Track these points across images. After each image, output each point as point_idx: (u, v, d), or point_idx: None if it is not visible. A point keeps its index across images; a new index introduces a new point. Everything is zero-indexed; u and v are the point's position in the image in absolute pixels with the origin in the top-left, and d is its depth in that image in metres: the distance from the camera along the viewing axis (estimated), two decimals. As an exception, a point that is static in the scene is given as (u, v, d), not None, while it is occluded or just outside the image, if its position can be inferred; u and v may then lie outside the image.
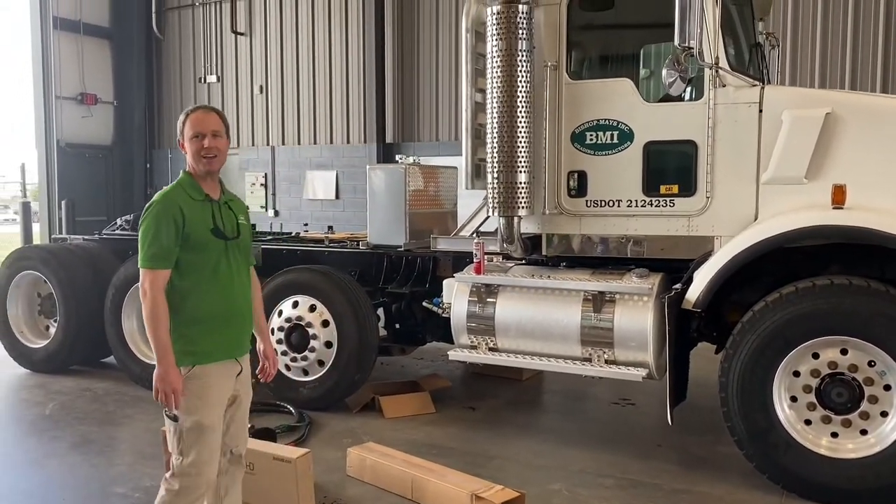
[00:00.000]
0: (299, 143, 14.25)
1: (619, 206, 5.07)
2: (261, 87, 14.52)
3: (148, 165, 15.82)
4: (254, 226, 9.40)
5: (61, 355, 7.32)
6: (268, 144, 14.58)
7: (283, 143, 14.42)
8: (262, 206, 14.43)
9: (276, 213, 14.31)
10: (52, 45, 14.19)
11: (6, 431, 5.78)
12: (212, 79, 15.04)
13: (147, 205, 3.15)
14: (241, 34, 14.68)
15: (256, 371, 3.48)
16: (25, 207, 14.84)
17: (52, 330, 7.45)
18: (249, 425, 5.02)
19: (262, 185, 14.54)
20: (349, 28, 13.53)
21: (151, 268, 3.04)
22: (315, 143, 14.09)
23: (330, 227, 8.47)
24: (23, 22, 14.83)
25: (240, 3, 14.65)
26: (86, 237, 8.24)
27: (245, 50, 14.71)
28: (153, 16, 15.52)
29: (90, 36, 15.03)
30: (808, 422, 4.34)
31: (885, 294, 4.12)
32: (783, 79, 9.99)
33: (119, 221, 8.08)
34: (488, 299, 5.32)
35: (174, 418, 3.08)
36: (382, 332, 6.34)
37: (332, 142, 13.92)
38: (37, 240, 14.39)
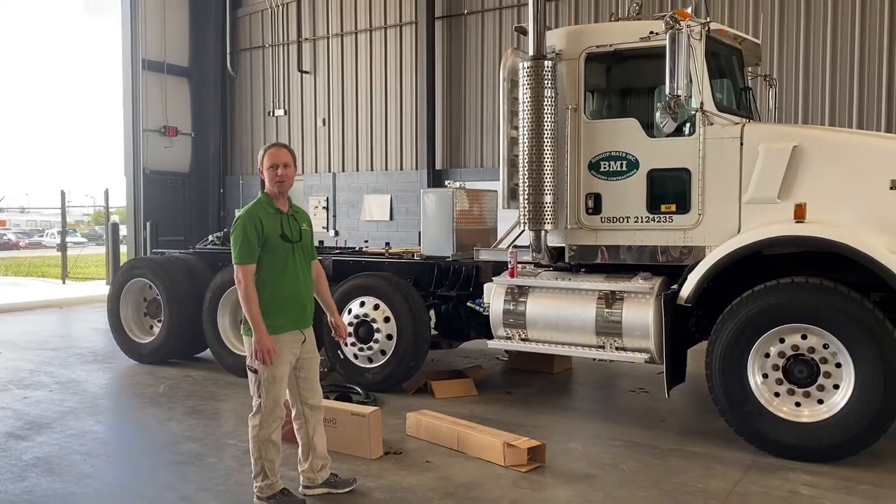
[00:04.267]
0: (357, 170, 15.70)
1: (627, 221, 6.19)
2: (323, 119, 16.06)
3: (221, 190, 17.47)
4: (321, 242, 10.78)
5: (164, 349, 8.69)
6: (329, 171, 16.08)
7: (343, 170, 15.89)
8: (323, 227, 15.88)
9: (337, 234, 15.73)
10: (141, 83, 15.94)
11: (132, 402, 7.14)
12: (279, 113, 16.66)
13: (235, 218, 4.39)
14: (307, 72, 16.28)
15: (332, 335, 4.69)
16: (114, 228, 16.57)
17: (156, 329, 8.86)
18: (334, 392, 6.29)
19: (324, 208, 16.01)
20: (403, 65, 14.97)
21: (242, 263, 4.26)
22: (372, 169, 15.51)
23: (387, 244, 9.76)
24: (112, 64, 16.72)
25: (305, 44, 16.27)
26: (181, 251, 9.67)
27: (310, 86, 16.29)
28: (227, 56, 17.30)
29: (172, 75, 16.84)
30: (776, 394, 5.36)
31: (834, 290, 5.15)
32: (797, 112, 11.04)
33: (211, 238, 9.48)
34: (520, 298, 6.48)
35: (255, 371, 4.29)
36: (434, 332, 7.54)
37: (387, 168, 15.32)
38: (124, 259, 16.03)
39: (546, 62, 6.20)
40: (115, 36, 16.31)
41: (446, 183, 8.05)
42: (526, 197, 6.32)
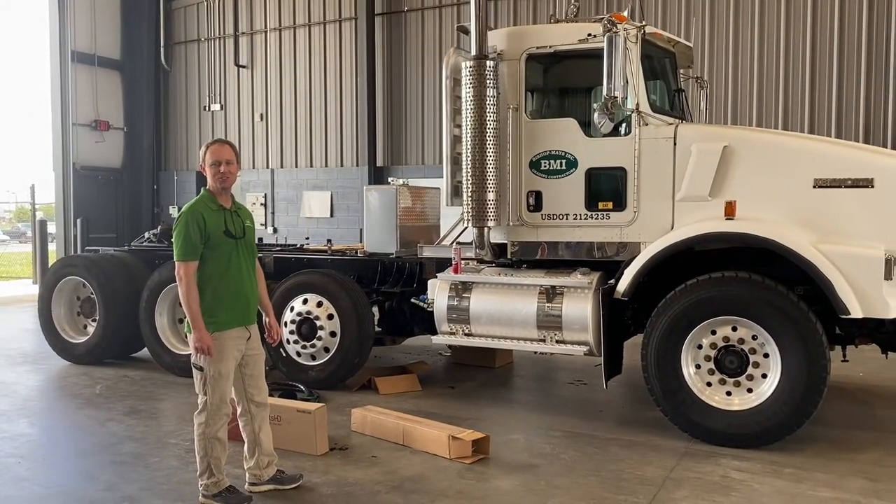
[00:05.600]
0: (297, 166, 15.56)
1: (567, 218, 6.35)
2: (261, 114, 15.86)
3: (155, 186, 17.06)
4: (261, 239, 10.67)
5: (99, 349, 8.48)
6: (267, 167, 15.88)
7: (282, 166, 15.73)
8: (261, 224, 15.68)
9: (275, 231, 15.55)
10: (70, 76, 15.44)
11: (67, 403, 6.95)
12: (216, 107, 16.36)
13: (178, 214, 4.38)
14: (244, 67, 16.04)
15: (265, 336, 4.67)
16: (42, 225, 16.01)
17: (90, 328, 8.64)
18: (278, 390, 6.27)
19: (262, 204, 15.82)
20: (343, 61, 14.91)
21: (184, 260, 4.25)
22: (311, 166, 15.39)
23: (329, 241, 9.71)
24: (40, 55, 16.16)
25: (242, 38, 16.03)
26: (116, 249, 9.45)
27: (247, 81, 16.05)
28: (161, 49, 16.89)
29: (103, 67, 16.34)
30: (709, 384, 5.60)
31: (762, 284, 5.41)
32: (726, 112, 11.47)
33: (147, 235, 9.29)
34: (464, 294, 6.58)
35: (200, 368, 4.28)
36: (377, 329, 7.57)
37: (327, 165, 15.23)
38: (52, 257, 15.52)
39: (488, 62, 6.30)
40: (42, 25, 15.73)
41: (389, 180, 8.08)
42: (469, 194, 6.42)
